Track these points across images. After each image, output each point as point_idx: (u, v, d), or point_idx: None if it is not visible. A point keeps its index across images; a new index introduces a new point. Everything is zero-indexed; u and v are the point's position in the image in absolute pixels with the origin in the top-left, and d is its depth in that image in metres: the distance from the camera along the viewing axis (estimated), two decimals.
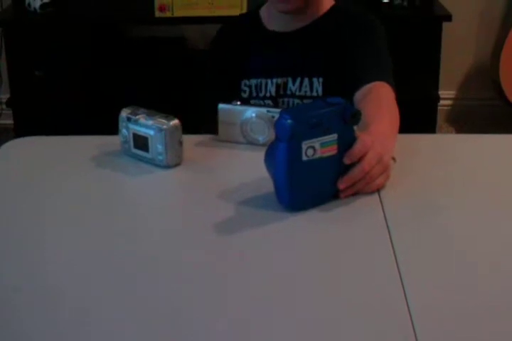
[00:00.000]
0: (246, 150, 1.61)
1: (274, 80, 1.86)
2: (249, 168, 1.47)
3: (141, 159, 1.55)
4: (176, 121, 1.52)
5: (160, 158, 1.53)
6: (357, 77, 1.74)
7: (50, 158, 1.61)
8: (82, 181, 1.51)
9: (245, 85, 1.89)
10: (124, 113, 1.56)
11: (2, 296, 1.15)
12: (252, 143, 1.61)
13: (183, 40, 3.29)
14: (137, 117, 1.54)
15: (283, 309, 1.11)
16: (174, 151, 1.53)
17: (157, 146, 1.52)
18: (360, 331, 1.07)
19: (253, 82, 1.88)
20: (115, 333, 1.07)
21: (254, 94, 1.88)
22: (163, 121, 1.51)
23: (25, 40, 3.20)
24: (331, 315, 1.10)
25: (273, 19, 1.87)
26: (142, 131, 1.53)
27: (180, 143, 1.53)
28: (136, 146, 1.55)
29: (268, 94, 1.87)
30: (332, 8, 1.86)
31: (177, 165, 1.54)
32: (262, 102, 1.87)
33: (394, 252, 1.23)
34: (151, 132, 1.52)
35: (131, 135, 1.55)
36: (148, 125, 1.52)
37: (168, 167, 1.53)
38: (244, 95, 1.89)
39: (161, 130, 1.51)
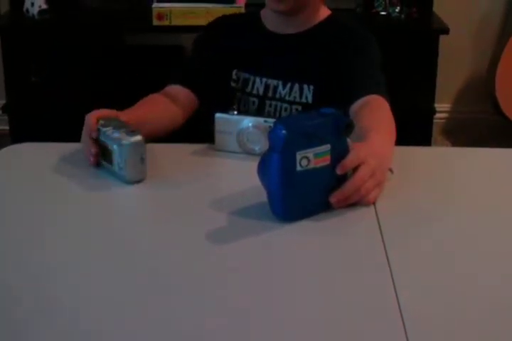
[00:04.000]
0: (242, 159, 1.60)
1: (264, 80, 1.86)
2: (244, 178, 1.46)
3: (109, 172, 1.52)
4: (137, 138, 1.48)
5: (121, 173, 1.49)
6: (352, 89, 1.74)
7: (46, 164, 1.60)
8: (79, 187, 1.51)
9: (236, 75, 1.89)
10: (99, 124, 1.52)
11: (2, 298, 1.15)
12: (249, 153, 1.61)
13: (181, 49, 3.30)
14: (106, 129, 1.50)
15: (275, 320, 1.11)
16: (134, 168, 1.49)
17: (118, 161, 1.49)
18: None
19: (242, 75, 1.88)
20: (115, 335, 1.07)
21: (240, 88, 1.88)
22: (126, 136, 1.48)
23: (23, 46, 3.21)
24: (323, 325, 1.10)
25: (269, 20, 1.88)
26: (108, 143, 1.50)
27: (142, 159, 1.49)
28: (104, 159, 1.53)
29: (255, 92, 1.87)
30: (328, 19, 1.87)
31: (138, 182, 1.49)
32: (247, 98, 1.87)
33: (389, 264, 1.23)
34: (115, 146, 1.49)
35: (101, 146, 1.52)
36: (113, 138, 1.49)
37: (129, 183, 1.49)
38: (233, 84, 1.89)
39: (121, 145, 1.47)
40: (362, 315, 1.12)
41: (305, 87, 1.82)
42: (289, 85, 1.84)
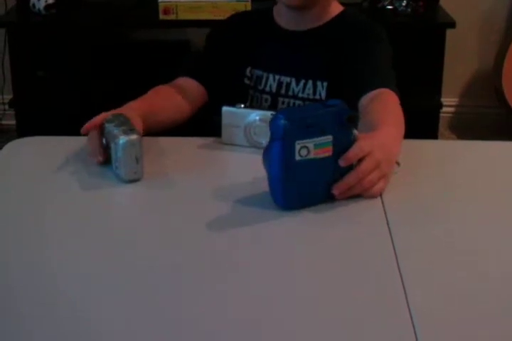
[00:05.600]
0: (249, 153, 1.60)
1: (277, 77, 1.86)
2: (251, 171, 1.46)
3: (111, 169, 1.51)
4: (133, 137, 1.45)
5: (117, 171, 1.48)
6: (361, 83, 1.74)
7: (52, 158, 1.60)
8: (84, 182, 1.51)
9: (249, 72, 1.89)
10: (106, 119, 1.51)
11: (2, 297, 1.15)
12: (255, 146, 1.61)
13: (187, 43, 3.30)
14: (109, 125, 1.49)
15: (276, 314, 1.11)
16: (129, 167, 1.46)
17: (115, 159, 1.47)
18: (359, 336, 1.06)
19: (255, 72, 1.88)
20: (115, 333, 1.07)
21: (252, 85, 1.89)
22: (122, 134, 1.45)
23: (29, 41, 3.21)
24: (324, 318, 1.10)
25: (281, 16, 1.87)
26: (109, 140, 1.49)
27: (137, 159, 1.46)
28: (109, 155, 1.51)
29: (268, 89, 1.87)
30: (341, 14, 1.86)
31: (133, 181, 1.48)
32: (259, 96, 1.87)
33: (396, 257, 1.23)
34: (112, 144, 1.47)
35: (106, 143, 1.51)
36: (112, 135, 1.47)
37: (124, 182, 1.47)
38: (247, 82, 1.89)
39: (116, 144, 1.45)
40: (367, 308, 1.12)
41: (319, 83, 1.82)
42: (302, 82, 1.84)
